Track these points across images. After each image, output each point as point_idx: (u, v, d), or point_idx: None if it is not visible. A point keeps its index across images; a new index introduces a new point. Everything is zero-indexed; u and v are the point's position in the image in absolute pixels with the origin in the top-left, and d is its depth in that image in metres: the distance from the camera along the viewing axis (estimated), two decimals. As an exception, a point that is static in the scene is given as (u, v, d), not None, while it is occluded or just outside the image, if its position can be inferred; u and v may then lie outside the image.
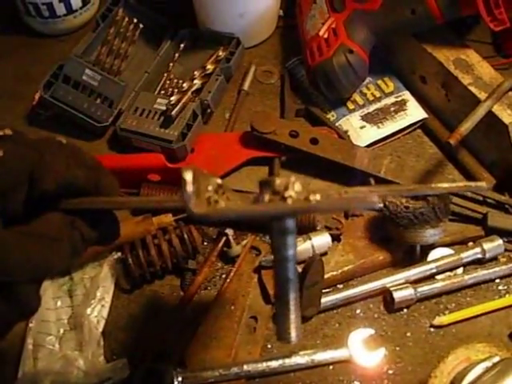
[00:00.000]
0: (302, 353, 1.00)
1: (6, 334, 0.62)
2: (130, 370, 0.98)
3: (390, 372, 0.99)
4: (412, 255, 1.08)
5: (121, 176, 1.11)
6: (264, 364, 0.99)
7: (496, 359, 0.88)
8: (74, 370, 0.98)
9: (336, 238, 1.09)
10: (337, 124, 1.23)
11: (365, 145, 1.19)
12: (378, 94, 1.26)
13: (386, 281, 1.05)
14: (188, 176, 0.56)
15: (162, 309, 1.06)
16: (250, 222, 0.89)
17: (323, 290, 1.03)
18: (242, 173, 1.20)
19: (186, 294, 1.06)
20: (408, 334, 1.03)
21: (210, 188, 0.60)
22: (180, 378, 0.97)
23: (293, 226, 0.65)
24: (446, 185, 1.08)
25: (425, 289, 1.04)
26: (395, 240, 1.07)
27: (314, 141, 1.16)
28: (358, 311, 1.05)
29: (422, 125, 1.25)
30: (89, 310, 1.04)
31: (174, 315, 1.04)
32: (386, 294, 1.05)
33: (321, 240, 1.07)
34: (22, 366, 1.00)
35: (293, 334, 0.65)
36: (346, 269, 1.06)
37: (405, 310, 1.05)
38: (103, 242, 0.69)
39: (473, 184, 0.84)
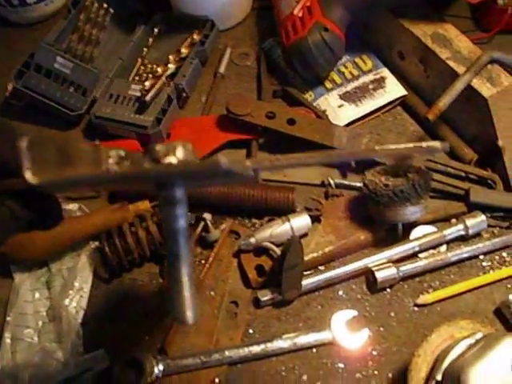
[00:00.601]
0: (284, 336, 0.98)
1: None
2: (109, 359, 0.97)
3: (375, 353, 0.98)
4: (394, 234, 1.06)
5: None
6: (246, 349, 0.97)
7: (479, 335, 0.86)
8: (53, 361, 0.97)
9: (316, 219, 1.07)
10: (315, 104, 1.21)
11: (344, 124, 1.18)
12: (355, 72, 1.24)
13: (368, 261, 1.04)
14: (23, 145, 0.55)
15: (142, 297, 1.04)
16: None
17: (304, 272, 1.01)
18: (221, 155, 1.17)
19: (165, 281, 1.04)
20: (392, 314, 1.01)
21: (110, 161, 0.59)
22: (161, 366, 0.96)
23: (180, 195, 0.61)
24: (392, 146, 1.04)
25: (408, 268, 1.03)
26: (376, 219, 1.05)
27: (291, 121, 1.14)
28: (340, 292, 1.03)
29: (401, 102, 1.23)
30: (67, 301, 1.02)
31: (154, 303, 1.02)
32: (368, 275, 1.04)
33: (300, 221, 1.05)
34: (0, 360, 0.99)
35: (188, 313, 0.61)
36: (326, 250, 1.04)
37: (388, 290, 1.03)
38: (45, 224, 0.67)
39: (424, 144, 0.78)
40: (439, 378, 0.84)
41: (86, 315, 1.02)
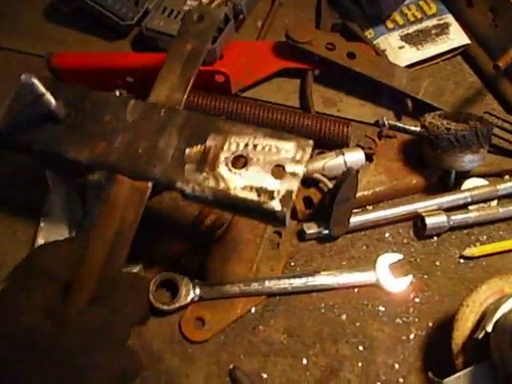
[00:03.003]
0: (326, 273, 0.92)
1: None
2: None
3: (417, 300, 0.92)
4: (446, 182, 1.00)
5: (144, 76, 1.03)
6: (286, 281, 0.91)
7: (533, 292, 0.81)
8: None
9: (368, 158, 1.00)
10: (374, 42, 1.13)
11: (403, 66, 1.10)
12: (419, 15, 1.15)
13: (418, 206, 0.97)
14: None
15: (180, 219, 0.97)
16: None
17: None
18: (272, 84, 1.10)
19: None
20: (437, 263, 0.95)
21: None
22: (198, 290, 0.90)
23: None
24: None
25: (458, 218, 0.96)
26: (431, 164, 0.99)
27: (352, 55, 1.06)
28: (386, 235, 0.97)
29: (462, 51, 1.15)
30: None
31: (194, 226, 0.95)
32: (417, 220, 0.98)
33: (354, 157, 0.98)
34: None
35: None
36: (377, 189, 0.98)
37: (435, 238, 0.97)
38: None
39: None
40: (489, 329, 0.79)
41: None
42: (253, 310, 0.91)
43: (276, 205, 0.75)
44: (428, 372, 0.82)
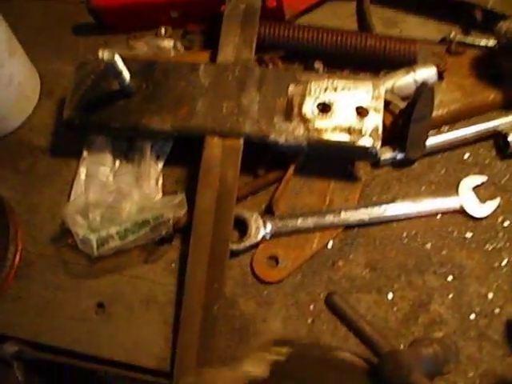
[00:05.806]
0: (405, 200, 0.82)
1: None
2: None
3: (506, 224, 0.82)
4: (527, 96, 0.88)
5: (189, 9, 0.93)
6: (364, 211, 0.82)
7: None
8: (127, 205, 0.82)
9: (438, 77, 0.89)
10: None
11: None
12: None
13: (498, 122, 0.87)
14: None
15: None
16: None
17: (426, 132, 0.84)
18: (325, 8, 0.99)
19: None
20: (524, 182, 0.85)
21: None
22: (269, 227, 0.80)
23: None
24: None
25: (544, 133, 0.85)
26: (509, 76, 0.87)
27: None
28: (466, 156, 0.87)
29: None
30: (149, 144, 0.87)
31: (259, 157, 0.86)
32: (498, 138, 0.87)
33: (426, 72, 0.86)
34: (73, 195, 0.88)
35: None
36: (452, 108, 0.87)
37: (519, 156, 0.86)
38: None
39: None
40: None
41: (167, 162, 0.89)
42: (330, 244, 0.82)
43: (367, 141, 0.79)
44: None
